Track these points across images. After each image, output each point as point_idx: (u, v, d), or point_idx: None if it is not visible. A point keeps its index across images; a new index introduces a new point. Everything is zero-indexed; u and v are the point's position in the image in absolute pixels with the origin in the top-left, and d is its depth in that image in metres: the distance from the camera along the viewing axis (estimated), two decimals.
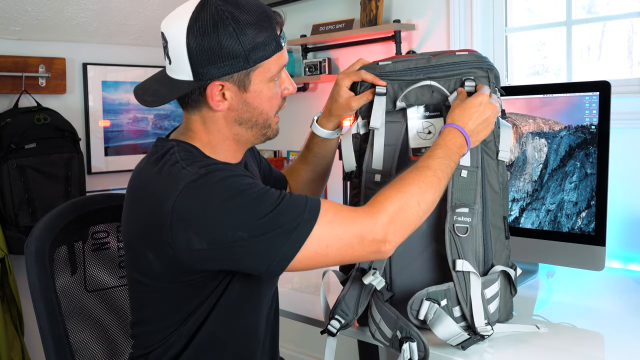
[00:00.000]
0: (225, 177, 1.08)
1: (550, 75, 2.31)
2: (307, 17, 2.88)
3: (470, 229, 1.23)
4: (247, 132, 1.20)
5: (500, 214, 1.31)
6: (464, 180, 1.25)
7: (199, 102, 1.15)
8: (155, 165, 1.13)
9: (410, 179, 1.14)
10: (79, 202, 1.43)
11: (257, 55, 1.11)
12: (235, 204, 1.05)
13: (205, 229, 1.05)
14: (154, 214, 1.08)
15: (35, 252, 1.28)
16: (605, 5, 2.11)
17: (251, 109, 1.17)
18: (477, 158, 1.26)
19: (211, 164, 1.11)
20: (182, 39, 1.09)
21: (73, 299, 1.35)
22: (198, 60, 1.09)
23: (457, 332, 1.19)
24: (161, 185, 1.09)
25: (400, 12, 2.51)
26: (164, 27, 1.14)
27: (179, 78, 1.13)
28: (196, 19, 1.08)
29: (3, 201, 2.58)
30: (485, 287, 1.25)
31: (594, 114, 1.56)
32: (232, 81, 1.12)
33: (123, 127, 3.13)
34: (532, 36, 2.31)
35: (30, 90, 2.76)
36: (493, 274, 1.27)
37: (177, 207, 1.05)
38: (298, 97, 2.99)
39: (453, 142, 1.20)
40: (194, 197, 1.05)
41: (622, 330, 1.36)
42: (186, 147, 1.17)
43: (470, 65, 1.30)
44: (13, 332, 2.55)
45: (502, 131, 1.30)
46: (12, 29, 2.73)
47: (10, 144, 2.57)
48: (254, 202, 1.06)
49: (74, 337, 1.33)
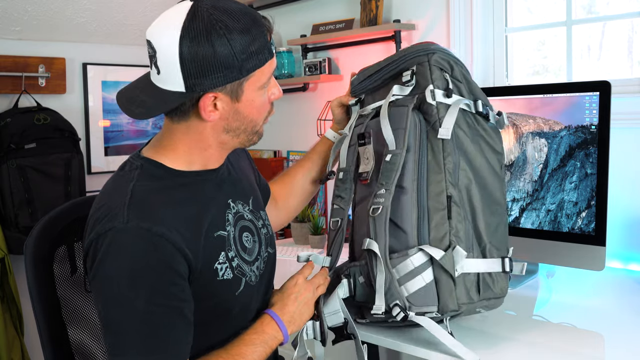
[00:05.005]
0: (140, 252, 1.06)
1: (550, 75, 2.31)
2: (307, 17, 2.88)
3: (382, 208, 1.23)
4: (234, 140, 1.19)
5: (442, 188, 1.26)
6: (387, 165, 1.27)
7: (188, 112, 1.13)
8: (116, 180, 1.17)
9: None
10: (79, 202, 1.43)
11: (250, 64, 1.10)
12: (125, 284, 1.05)
13: (98, 277, 1.07)
14: (88, 230, 1.13)
15: (35, 252, 1.28)
16: (605, 5, 2.11)
17: (241, 118, 1.16)
18: (405, 141, 1.27)
19: (146, 219, 1.07)
20: (175, 49, 1.06)
21: (73, 299, 1.35)
22: (191, 72, 1.07)
23: (336, 308, 1.29)
24: (105, 206, 1.12)
25: (400, 12, 2.51)
26: (151, 35, 1.10)
27: (168, 89, 1.10)
28: (188, 29, 1.05)
29: (3, 201, 2.58)
30: (396, 265, 1.22)
31: (594, 114, 1.56)
32: (225, 92, 1.11)
33: (123, 127, 3.13)
34: (532, 36, 2.31)
35: (30, 90, 2.76)
36: (412, 253, 1.22)
37: (94, 245, 1.08)
38: (298, 97, 2.99)
39: (269, 328, 1.22)
40: (110, 247, 1.06)
41: (622, 330, 1.36)
42: (151, 169, 1.15)
43: (413, 55, 1.35)
44: (13, 332, 2.55)
45: (449, 112, 1.27)
46: (12, 29, 2.73)
47: (10, 144, 2.57)
48: (140, 293, 1.05)
49: (74, 337, 1.33)
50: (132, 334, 1.05)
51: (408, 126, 1.28)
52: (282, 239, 2.70)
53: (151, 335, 1.05)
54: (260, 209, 1.34)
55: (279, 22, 3.05)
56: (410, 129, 1.28)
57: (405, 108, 1.30)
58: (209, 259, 1.14)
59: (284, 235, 2.77)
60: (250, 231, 1.26)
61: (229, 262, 1.18)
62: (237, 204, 1.26)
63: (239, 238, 1.23)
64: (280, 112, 3.06)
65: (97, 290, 1.08)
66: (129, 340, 1.05)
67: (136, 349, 1.05)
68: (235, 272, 1.19)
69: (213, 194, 1.21)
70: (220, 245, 1.17)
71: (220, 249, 1.17)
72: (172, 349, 1.07)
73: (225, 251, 1.18)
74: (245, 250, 1.23)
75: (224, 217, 1.21)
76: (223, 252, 1.17)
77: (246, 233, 1.25)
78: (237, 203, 1.26)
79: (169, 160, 1.17)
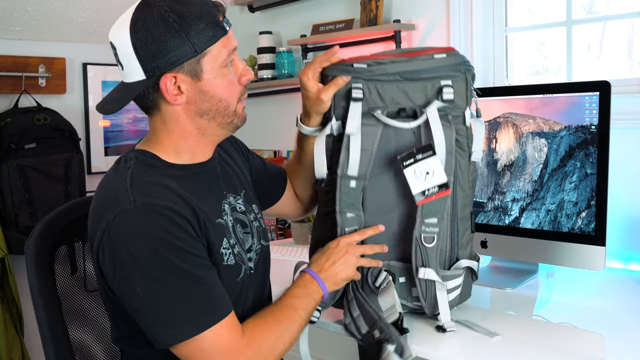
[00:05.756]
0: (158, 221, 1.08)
1: (550, 75, 2.31)
2: (307, 17, 2.88)
3: (436, 238, 1.27)
4: (211, 124, 1.20)
5: (468, 210, 1.34)
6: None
7: (156, 101, 1.16)
8: (112, 173, 1.19)
9: (279, 316, 1.19)
10: (79, 202, 1.43)
11: (201, 41, 1.12)
12: (153, 252, 1.07)
13: (120, 266, 1.08)
14: (94, 222, 1.13)
15: (36, 252, 1.28)
16: (605, 5, 2.11)
17: (209, 98, 1.17)
18: (452, 167, 1.28)
19: (153, 197, 1.10)
20: (127, 41, 1.11)
21: (73, 299, 1.36)
22: (146, 57, 1.11)
23: (392, 303, 1.27)
24: (106, 196, 1.13)
25: (400, 12, 2.51)
26: (110, 36, 1.16)
27: (133, 80, 1.14)
28: (137, 18, 1.11)
29: (3, 201, 2.58)
30: (448, 280, 1.31)
31: (594, 114, 1.56)
32: (183, 71, 1.13)
33: (123, 127, 3.13)
34: (532, 36, 2.31)
35: (30, 90, 2.76)
36: (457, 269, 1.33)
37: (107, 233, 1.08)
38: (298, 97, 2.98)
39: (310, 284, 1.26)
40: (123, 229, 1.07)
41: (622, 330, 1.36)
42: (146, 159, 1.18)
43: (447, 68, 1.28)
44: (13, 332, 2.55)
45: (476, 131, 1.31)
46: (12, 29, 2.73)
47: (10, 144, 2.57)
48: (168, 263, 1.07)
49: (74, 337, 1.33)
50: (176, 303, 1.07)
51: (454, 151, 1.28)
52: (282, 239, 2.70)
53: (194, 298, 1.08)
54: (251, 202, 1.35)
55: (279, 22, 3.06)
56: (453, 154, 1.28)
57: (449, 130, 1.27)
58: (215, 242, 1.17)
59: (284, 235, 2.77)
60: (242, 223, 1.28)
61: (231, 248, 1.21)
62: (229, 197, 1.28)
63: (235, 228, 1.25)
64: (280, 112, 3.06)
65: (124, 276, 1.08)
66: (175, 310, 1.07)
67: (186, 315, 1.07)
68: (236, 259, 1.22)
69: (207, 185, 1.23)
70: (222, 231, 1.20)
71: (222, 235, 1.20)
72: (218, 304, 1.10)
73: (227, 237, 1.21)
74: (241, 241, 1.25)
75: (220, 206, 1.23)
76: (225, 238, 1.20)
77: (239, 225, 1.27)
78: (229, 196, 1.28)
79: (158, 152, 1.20)
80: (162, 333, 1.07)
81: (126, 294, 1.09)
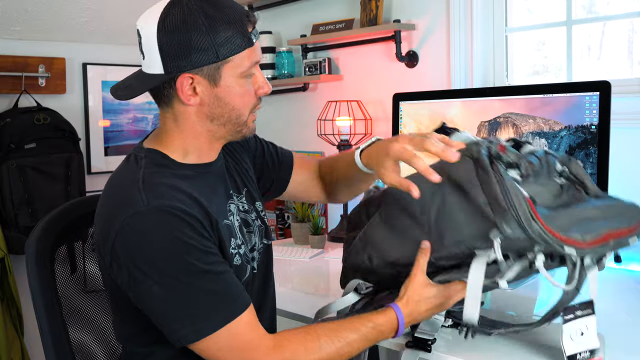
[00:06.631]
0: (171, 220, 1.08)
1: (550, 75, 2.31)
2: (307, 17, 2.88)
3: None
4: (221, 129, 1.20)
5: None
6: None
7: (170, 97, 1.16)
8: (122, 171, 1.18)
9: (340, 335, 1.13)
10: (79, 202, 1.43)
11: (226, 49, 1.12)
12: (168, 253, 1.06)
13: (136, 268, 1.07)
14: (106, 223, 1.12)
15: (36, 252, 1.28)
16: (605, 5, 2.11)
17: (222, 105, 1.17)
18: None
19: (166, 198, 1.10)
20: (153, 33, 1.11)
21: (73, 299, 1.36)
22: (168, 53, 1.11)
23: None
24: (118, 197, 1.13)
25: (400, 12, 2.51)
26: (138, 23, 1.15)
27: (152, 72, 1.14)
28: (167, 13, 1.11)
29: (3, 201, 2.58)
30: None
31: (594, 114, 1.56)
32: (202, 75, 1.13)
33: (123, 127, 3.13)
34: (532, 36, 2.31)
35: (30, 90, 2.76)
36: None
37: (121, 235, 1.08)
38: (298, 97, 2.99)
39: (386, 327, 1.16)
40: (137, 230, 1.07)
41: (622, 330, 1.36)
42: (156, 158, 1.18)
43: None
44: (13, 332, 2.55)
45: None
46: (12, 29, 2.73)
47: (10, 144, 2.57)
48: (184, 261, 1.07)
49: (74, 337, 1.33)
50: (196, 301, 1.07)
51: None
52: (282, 238, 2.70)
53: (214, 294, 1.08)
54: (254, 200, 1.35)
55: (279, 22, 3.06)
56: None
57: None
58: (224, 244, 1.17)
59: (284, 235, 2.77)
60: (246, 223, 1.28)
61: (237, 248, 1.21)
62: (234, 196, 1.28)
63: (241, 228, 1.25)
64: (280, 112, 3.06)
65: (141, 278, 1.07)
66: (196, 308, 1.07)
67: (207, 312, 1.07)
68: (242, 259, 1.22)
69: (214, 185, 1.23)
70: (229, 232, 1.20)
71: (230, 236, 1.20)
72: (239, 297, 1.11)
73: (234, 238, 1.21)
74: (246, 241, 1.26)
75: (226, 207, 1.24)
76: (232, 238, 1.21)
77: (244, 224, 1.28)
78: (233, 195, 1.28)
79: (168, 151, 1.20)
80: (184, 331, 1.07)
81: (143, 294, 1.09)
